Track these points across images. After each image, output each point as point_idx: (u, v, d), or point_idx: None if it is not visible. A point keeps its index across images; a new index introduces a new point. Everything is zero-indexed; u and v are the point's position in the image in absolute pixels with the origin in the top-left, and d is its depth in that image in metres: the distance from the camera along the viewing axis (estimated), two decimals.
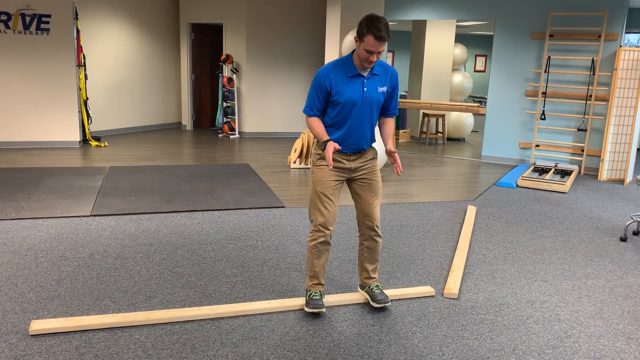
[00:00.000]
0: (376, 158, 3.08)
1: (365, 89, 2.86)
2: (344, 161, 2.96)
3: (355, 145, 2.95)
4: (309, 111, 2.91)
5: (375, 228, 3.05)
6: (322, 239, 2.96)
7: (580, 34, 7.17)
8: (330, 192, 2.93)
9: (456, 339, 2.83)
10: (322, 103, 2.88)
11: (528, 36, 7.49)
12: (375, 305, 3.09)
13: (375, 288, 3.15)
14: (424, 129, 9.84)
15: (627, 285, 3.63)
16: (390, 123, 3.07)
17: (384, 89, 2.92)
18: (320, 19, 9.56)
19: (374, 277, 3.18)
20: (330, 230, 2.95)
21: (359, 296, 3.23)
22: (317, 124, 2.90)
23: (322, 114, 2.94)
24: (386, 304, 3.08)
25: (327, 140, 2.83)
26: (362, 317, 3.03)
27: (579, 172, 7.40)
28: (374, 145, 5.27)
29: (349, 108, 2.86)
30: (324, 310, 3.02)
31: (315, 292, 3.05)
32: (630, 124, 6.89)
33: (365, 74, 2.86)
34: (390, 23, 8.73)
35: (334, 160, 2.94)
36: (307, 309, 3.02)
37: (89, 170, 6.40)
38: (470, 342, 2.81)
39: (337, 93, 2.83)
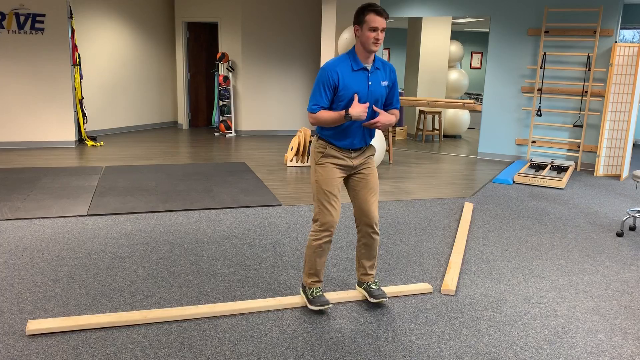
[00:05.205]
0: (374, 155, 3.08)
1: (370, 82, 2.86)
2: (346, 159, 2.95)
3: (359, 142, 2.94)
4: (317, 108, 2.82)
5: (374, 226, 3.04)
6: (327, 239, 2.94)
7: (575, 30, 7.18)
8: (336, 190, 2.93)
9: (454, 335, 2.84)
10: (329, 99, 2.83)
11: (524, 33, 7.50)
12: (372, 300, 3.09)
13: (372, 284, 3.15)
14: (421, 126, 9.84)
15: (624, 280, 3.64)
16: (394, 111, 3.05)
17: (386, 82, 2.93)
18: (316, 16, 9.54)
19: (371, 274, 3.17)
20: (334, 228, 2.95)
21: (356, 293, 3.23)
22: (325, 113, 2.81)
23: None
24: (383, 299, 3.08)
25: (347, 112, 2.76)
26: (359, 315, 3.03)
27: (575, 168, 7.42)
28: (372, 142, 5.28)
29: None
30: (330, 305, 3.01)
31: (316, 289, 3.04)
32: (626, 120, 6.91)
33: (369, 67, 2.86)
34: None
35: (335, 157, 2.93)
36: (313, 308, 2.99)
37: (85, 169, 6.38)
38: (467, 338, 2.81)
39: (343, 87, 2.81)
